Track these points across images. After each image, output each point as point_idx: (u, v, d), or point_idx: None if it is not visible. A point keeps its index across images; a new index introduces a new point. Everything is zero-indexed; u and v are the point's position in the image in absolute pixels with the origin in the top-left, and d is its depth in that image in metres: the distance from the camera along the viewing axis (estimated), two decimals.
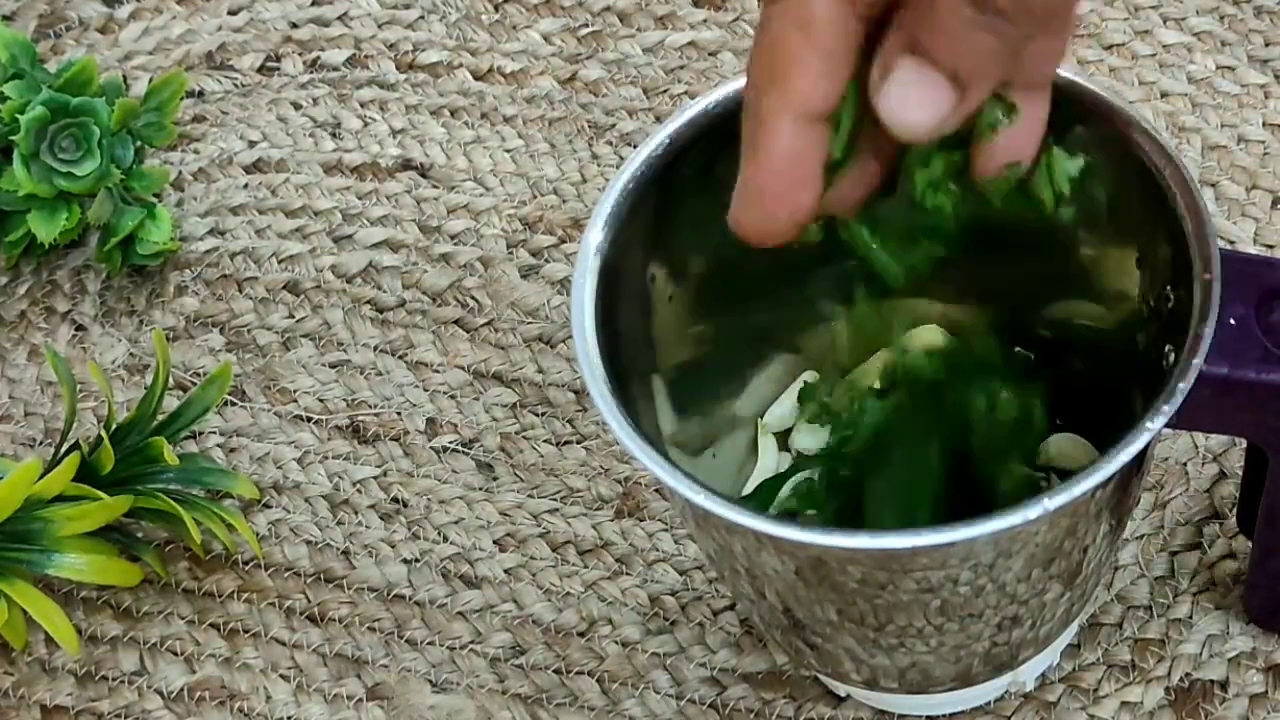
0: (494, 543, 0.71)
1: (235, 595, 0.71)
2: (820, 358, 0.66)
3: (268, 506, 0.73)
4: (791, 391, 0.66)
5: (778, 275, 0.63)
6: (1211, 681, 0.65)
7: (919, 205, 0.51)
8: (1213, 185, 0.76)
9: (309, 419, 0.75)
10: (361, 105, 0.84)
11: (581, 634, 0.69)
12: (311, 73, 0.86)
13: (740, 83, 0.59)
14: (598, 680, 0.68)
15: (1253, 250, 0.74)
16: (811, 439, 0.65)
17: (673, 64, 0.83)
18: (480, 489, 0.72)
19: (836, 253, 0.53)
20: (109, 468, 0.68)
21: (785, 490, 0.64)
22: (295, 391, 0.76)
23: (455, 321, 0.77)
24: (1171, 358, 0.52)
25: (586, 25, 0.85)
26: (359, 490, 0.73)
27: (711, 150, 0.59)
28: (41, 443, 0.76)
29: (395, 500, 0.73)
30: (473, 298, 0.77)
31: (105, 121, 0.75)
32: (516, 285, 0.77)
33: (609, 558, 0.70)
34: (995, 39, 0.44)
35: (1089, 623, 0.66)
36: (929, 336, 0.63)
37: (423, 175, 0.81)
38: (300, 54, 0.86)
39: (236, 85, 0.86)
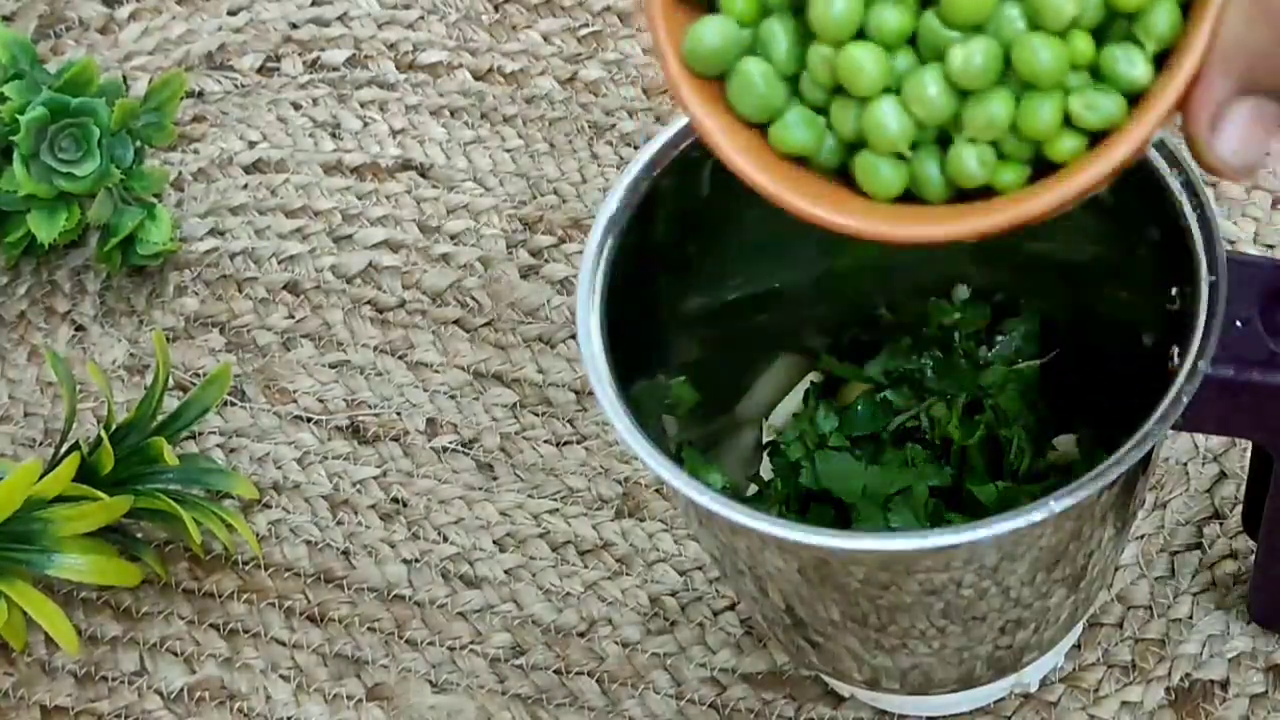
0: (494, 543, 0.71)
1: (235, 595, 0.71)
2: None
3: (268, 507, 0.73)
4: (796, 393, 0.66)
5: (783, 276, 0.64)
6: (1212, 681, 0.65)
7: None
8: (1213, 185, 0.76)
9: (309, 419, 0.75)
10: (361, 105, 0.84)
11: (581, 634, 0.69)
12: (311, 73, 0.86)
13: None
14: (598, 680, 0.68)
15: (1253, 250, 0.74)
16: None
17: None
18: (480, 489, 0.72)
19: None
20: (109, 468, 0.68)
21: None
22: (295, 391, 0.76)
23: (455, 321, 0.77)
24: (1176, 359, 0.52)
25: (586, 25, 0.85)
26: (359, 490, 0.73)
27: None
28: (41, 443, 0.76)
29: (395, 500, 0.73)
30: (473, 298, 0.77)
31: (105, 122, 0.75)
32: (516, 285, 0.77)
33: (609, 558, 0.70)
34: None
35: (1090, 623, 0.66)
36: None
37: (423, 175, 0.81)
38: (300, 54, 0.86)
39: (236, 85, 0.86)
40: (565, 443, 0.73)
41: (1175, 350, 0.53)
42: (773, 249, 0.62)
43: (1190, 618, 0.67)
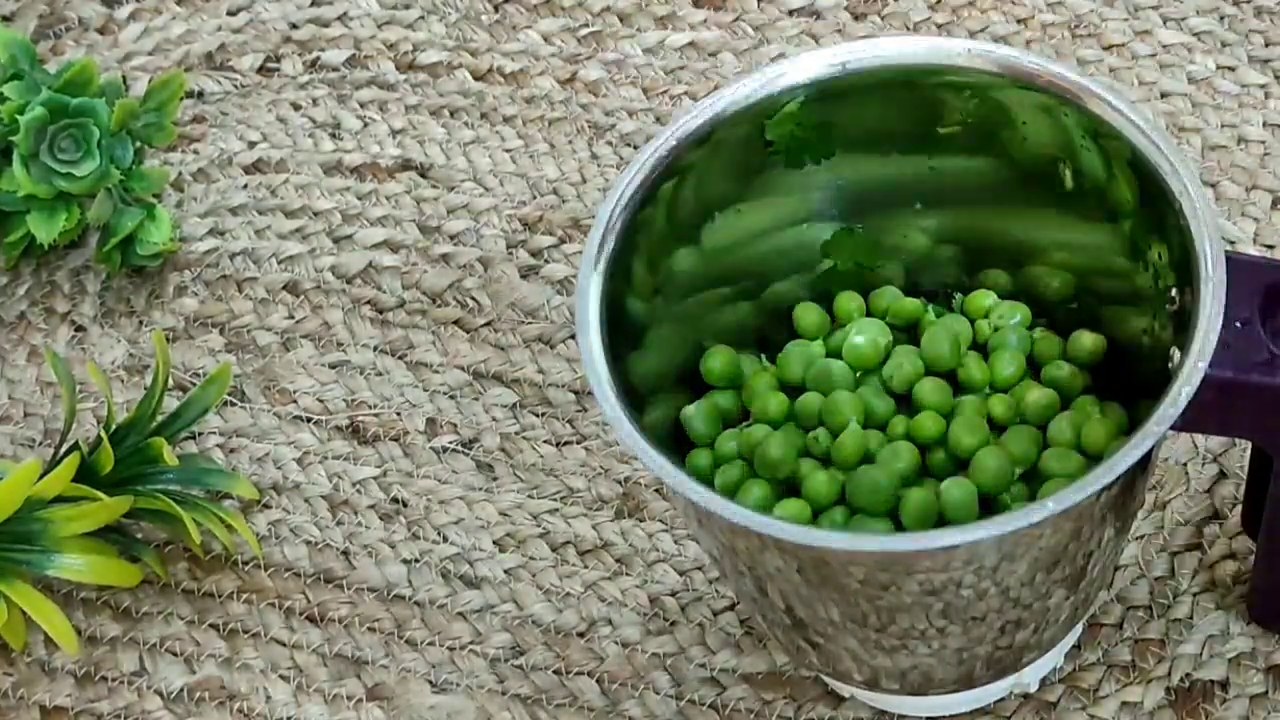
0: (494, 543, 0.71)
1: (235, 596, 0.71)
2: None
3: (267, 507, 0.73)
4: None
5: (784, 276, 0.64)
6: (1212, 682, 0.65)
7: None
8: (1213, 185, 0.76)
9: (309, 419, 0.75)
10: (361, 105, 0.84)
11: (581, 634, 0.69)
12: (311, 73, 0.86)
13: (741, 83, 0.60)
14: (598, 681, 0.68)
15: (1253, 250, 0.74)
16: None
17: (673, 64, 0.83)
18: (480, 489, 0.72)
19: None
20: (109, 468, 0.68)
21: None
22: (295, 392, 0.76)
23: (455, 321, 0.77)
24: (1176, 360, 0.52)
25: (586, 25, 0.85)
26: (359, 490, 0.73)
27: (715, 151, 0.59)
28: (41, 443, 0.76)
29: (395, 500, 0.73)
30: (473, 298, 0.77)
31: (105, 122, 0.75)
32: (516, 285, 0.77)
33: (609, 558, 0.70)
34: None
35: (1089, 623, 0.66)
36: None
37: (423, 175, 0.81)
38: (300, 54, 0.86)
39: (236, 85, 0.86)
40: (565, 443, 0.73)
41: (1175, 350, 0.53)
42: (772, 250, 0.62)
43: (1190, 618, 0.67)
